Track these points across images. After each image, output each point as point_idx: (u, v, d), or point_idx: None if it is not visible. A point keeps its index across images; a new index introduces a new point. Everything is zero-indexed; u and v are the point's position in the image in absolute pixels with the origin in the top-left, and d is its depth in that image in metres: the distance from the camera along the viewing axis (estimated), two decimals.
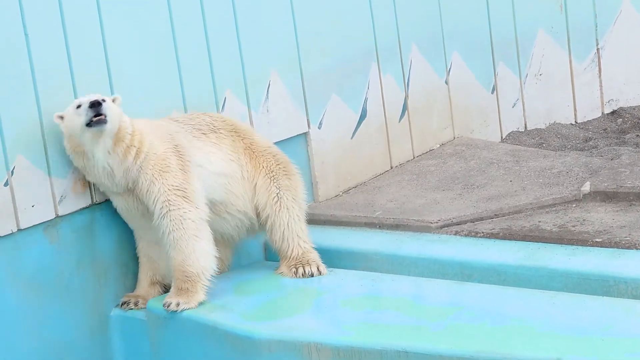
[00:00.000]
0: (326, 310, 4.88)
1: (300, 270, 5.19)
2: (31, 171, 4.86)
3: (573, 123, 7.26)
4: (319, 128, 6.12)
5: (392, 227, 5.64)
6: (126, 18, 5.23)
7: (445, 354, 4.17)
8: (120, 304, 5.18)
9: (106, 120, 4.75)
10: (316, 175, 6.11)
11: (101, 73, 5.12)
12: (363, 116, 6.36)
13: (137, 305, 5.14)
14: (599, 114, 7.32)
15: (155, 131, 5.01)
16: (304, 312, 4.92)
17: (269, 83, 5.87)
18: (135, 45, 5.27)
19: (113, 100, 4.87)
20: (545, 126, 7.17)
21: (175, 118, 5.27)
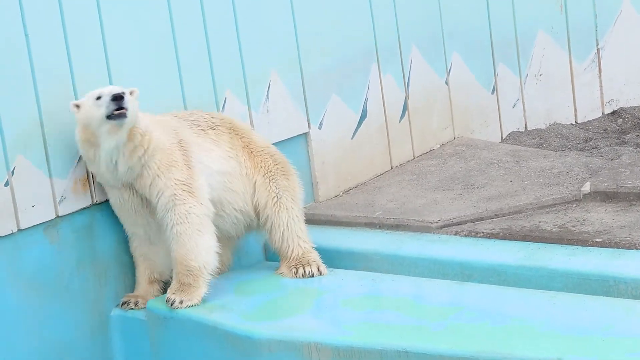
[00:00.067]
0: (326, 310, 4.87)
1: (300, 270, 5.19)
2: (31, 171, 4.86)
3: (573, 123, 7.26)
4: (319, 128, 6.12)
5: (392, 227, 5.64)
6: (126, 18, 5.22)
7: (445, 354, 4.17)
8: (120, 304, 5.19)
9: (127, 114, 4.74)
10: (316, 175, 6.11)
11: (101, 73, 5.12)
12: (363, 116, 6.36)
13: (137, 305, 5.13)
14: (599, 114, 7.32)
15: (160, 126, 5.00)
16: (304, 312, 4.92)
17: (269, 83, 5.87)
18: (135, 45, 5.27)
19: (131, 93, 4.84)
20: (545, 126, 7.17)
21: (174, 114, 5.26)
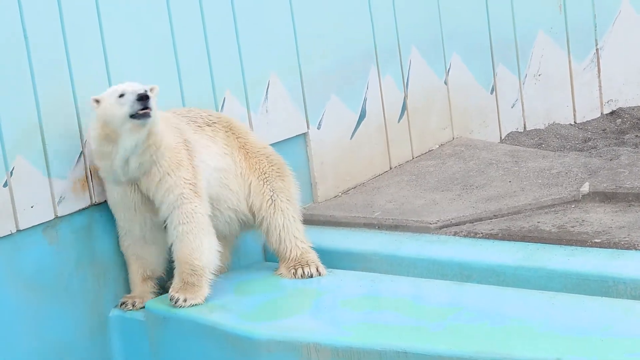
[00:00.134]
0: (325, 310, 4.88)
1: (299, 271, 5.19)
2: (30, 172, 4.86)
3: (572, 123, 7.26)
4: (318, 129, 6.12)
5: (391, 228, 5.64)
6: (126, 19, 5.22)
7: (444, 355, 4.17)
8: (119, 305, 5.18)
9: (150, 114, 4.73)
10: (315, 175, 6.11)
11: (100, 74, 5.12)
12: (362, 117, 6.36)
13: (135, 305, 5.13)
14: (598, 115, 7.32)
15: (165, 124, 4.99)
16: (304, 313, 4.92)
17: (268, 83, 5.87)
18: (134, 46, 5.27)
19: (151, 90, 4.82)
20: (544, 127, 7.17)
21: (173, 110, 5.26)
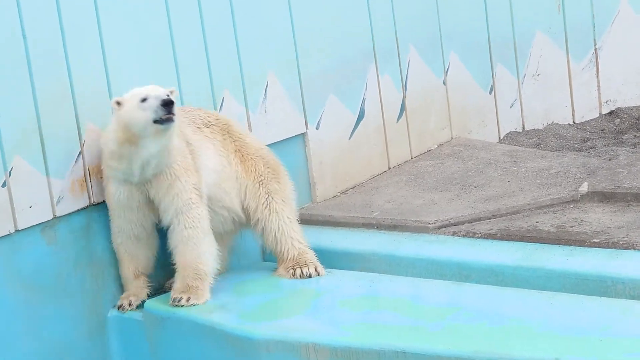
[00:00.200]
0: (324, 310, 4.87)
1: (297, 271, 5.19)
2: (29, 172, 4.85)
3: (571, 123, 7.26)
4: (317, 128, 6.12)
5: (390, 228, 5.64)
6: (124, 18, 5.22)
7: (443, 355, 4.17)
8: (117, 308, 5.15)
9: (174, 119, 4.73)
10: (314, 175, 6.11)
11: (99, 73, 5.12)
12: (361, 117, 6.35)
13: (132, 304, 5.11)
14: (597, 115, 7.32)
15: None
16: (302, 313, 4.92)
17: (267, 83, 5.87)
18: (133, 45, 5.26)
19: (171, 92, 4.81)
20: (543, 126, 7.17)
21: None
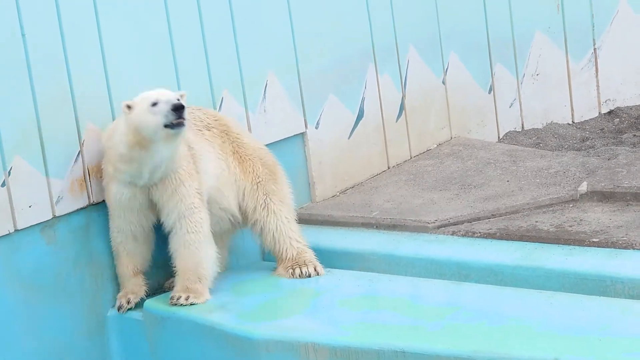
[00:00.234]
0: (323, 310, 4.87)
1: (297, 271, 5.19)
2: (28, 172, 4.85)
3: (570, 123, 7.26)
4: (316, 128, 6.12)
5: (389, 228, 5.64)
6: (124, 19, 5.22)
7: (442, 354, 4.17)
8: (116, 308, 5.15)
9: (185, 123, 4.72)
10: (313, 175, 6.11)
11: (98, 74, 5.12)
12: (360, 116, 6.35)
13: (130, 302, 5.10)
14: (596, 114, 7.32)
15: None
16: (302, 313, 4.92)
17: (266, 83, 5.87)
18: (132, 45, 5.26)
19: (181, 96, 4.81)
20: (542, 126, 7.17)
21: None
